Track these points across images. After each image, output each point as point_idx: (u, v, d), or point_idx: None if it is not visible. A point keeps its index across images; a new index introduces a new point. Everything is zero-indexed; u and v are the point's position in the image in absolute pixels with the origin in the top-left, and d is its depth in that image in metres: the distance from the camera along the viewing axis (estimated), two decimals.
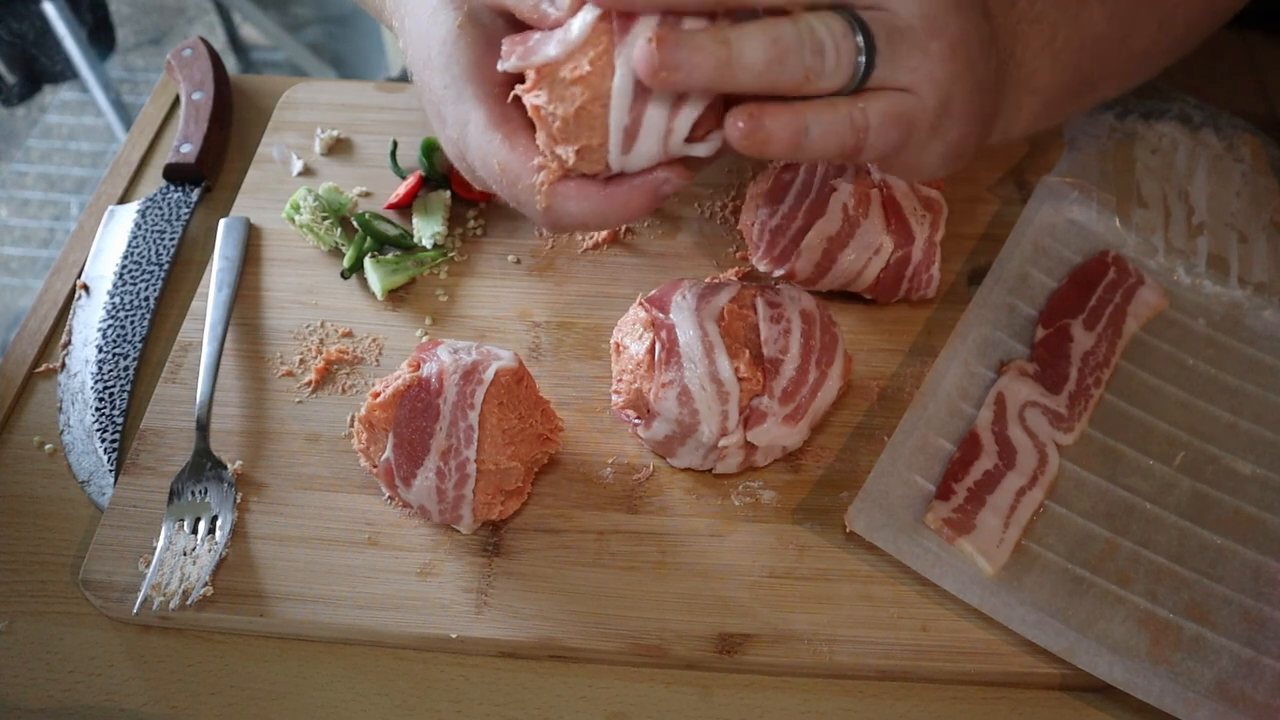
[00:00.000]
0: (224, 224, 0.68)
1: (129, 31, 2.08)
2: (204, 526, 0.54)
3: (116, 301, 0.66)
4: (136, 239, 0.69)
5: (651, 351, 0.55)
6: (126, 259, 0.68)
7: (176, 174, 0.72)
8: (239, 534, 0.55)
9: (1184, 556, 0.55)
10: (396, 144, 0.72)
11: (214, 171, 0.74)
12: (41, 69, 1.58)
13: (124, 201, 0.72)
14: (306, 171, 0.73)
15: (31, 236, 1.72)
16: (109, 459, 0.58)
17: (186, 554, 0.53)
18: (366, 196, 0.71)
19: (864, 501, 0.55)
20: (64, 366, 0.63)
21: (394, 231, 0.67)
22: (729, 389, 0.54)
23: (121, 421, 0.60)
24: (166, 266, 0.67)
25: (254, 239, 0.69)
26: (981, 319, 0.63)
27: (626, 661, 0.52)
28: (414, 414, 0.52)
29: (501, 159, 0.46)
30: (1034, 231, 0.67)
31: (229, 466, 0.57)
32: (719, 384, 0.54)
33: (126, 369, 0.62)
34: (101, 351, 0.63)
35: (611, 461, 0.58)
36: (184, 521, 0.54)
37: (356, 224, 0.67)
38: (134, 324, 0.65)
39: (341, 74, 1.82)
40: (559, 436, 0.56)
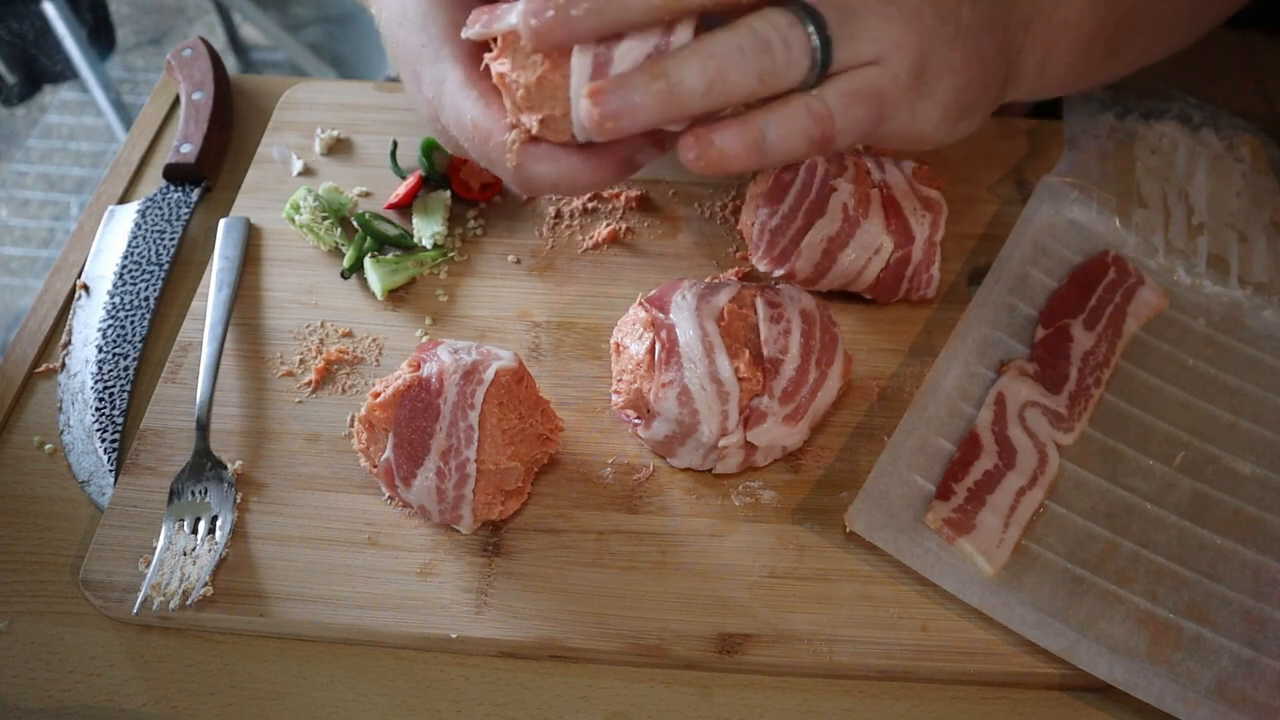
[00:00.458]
0: (224, 224, 0.68)
1: (129, 31, 2.09)
2: (204, 526, 0.54)
3: (116, 301, 0.66)
4: (136, 239, 0.69)
5: (651, 351, 0.55)
6: (126, 259, 0.68)
7: (176, 174, 0.72)
8: (239, 534, 0.55)
9: (1184, 556, 0.55)
10: (396, 144, 0.72)
11: (214, 171, 0.74)
12: (41, 69, 1.58)
13: (124, 201, 0.72)
14: (306, 171, 0.73)
15: (31, 236, 1.72)
16: (109, 459, 0.58)
17: (186, 554, 0.53)
18: (366, 196, 0.71)
19: (864, 501, 0.55)
20: (64, 366, 0.63)
21: (394, 231, 0.67)
22: (729, 389, 0.54)
23: (121, 421, 0.60)
24: (166, 266, 0.67)
25: (254, 239, 0.69)
26: (981, 319, 0.63)
27: (626, 661, 0.52)
28: (414, 414, 0.52)
29: (475, 116, 0.46)
30: (1034, 231, 0.67)
31: (229, 466, 0.57)
32: (719, 384, 0.54)
33: (126, 369, 0.62)
34: (101, 351, 0.63)
35: (611, 461, 0.58)
36: (184, 521, 0.54)
37: (356, 224, 0.67)
38: (134, 324, 0.65)
39: (341, 74, 1.82)
40: (559, 436, 0.56)
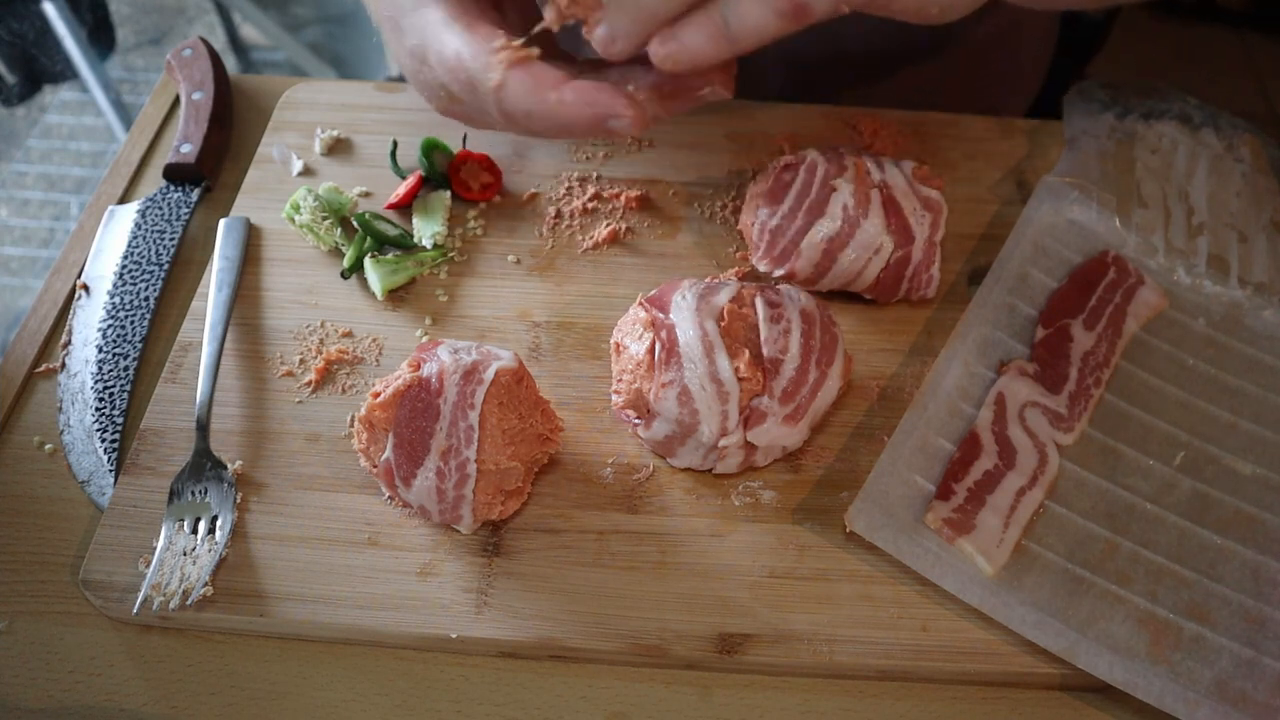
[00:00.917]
0: (224, 224, 0.68)
1: (129, 31, 2.09)
2: (204, 526, 0.54)
3: (116, 301, 0.65)
4: (136, 239, 0.69)
5: (651, 351, 0.55)
6: (126, 259, 0.68)
7: (176, 174, 0.72)
8: (239, 534, 0.55)
9: (1184, 556, 0.55)
10: (396, 144, 0.72)
11: (214, 171, 0.74)
12: (41, 69, 1.58)
13: (124, 201, 0.72)
14: (306, 171, 0.73)
15: (31, 236, 1.72)
16: (109, 459, 0.58)
17: (186, 554, 0.53)
18: (366, 196, 0.71)
19: (864, 501, 0.55)
20: (64, 366, 0.63)
21: (394, 231, 0.67)
22: (729, 389, 0.54)
23: (121, 421, 0.60)
24: (166, 266, 0.67)
25: (254, 239, 0.69)
26: (981, 319, 0.63)
27: (626, 661, 0.52)
28: (414, 414, 0.52)
29: (458, 47, 0.47)
30: (1034, 231, 0.67)
31: (229, 466, 0.57)
32: (719, 384, 0.54)
33: (126, 369, 0.62)
34: (101, 351, 0.63)
35: (611, 461, 0.58)
36: (184, 521, 0.54)
37: (356, 224, 0.67)
38: (134, 324, 0.65)
39: (341, 74, 1.82)
40: (559, 436, 0.56)
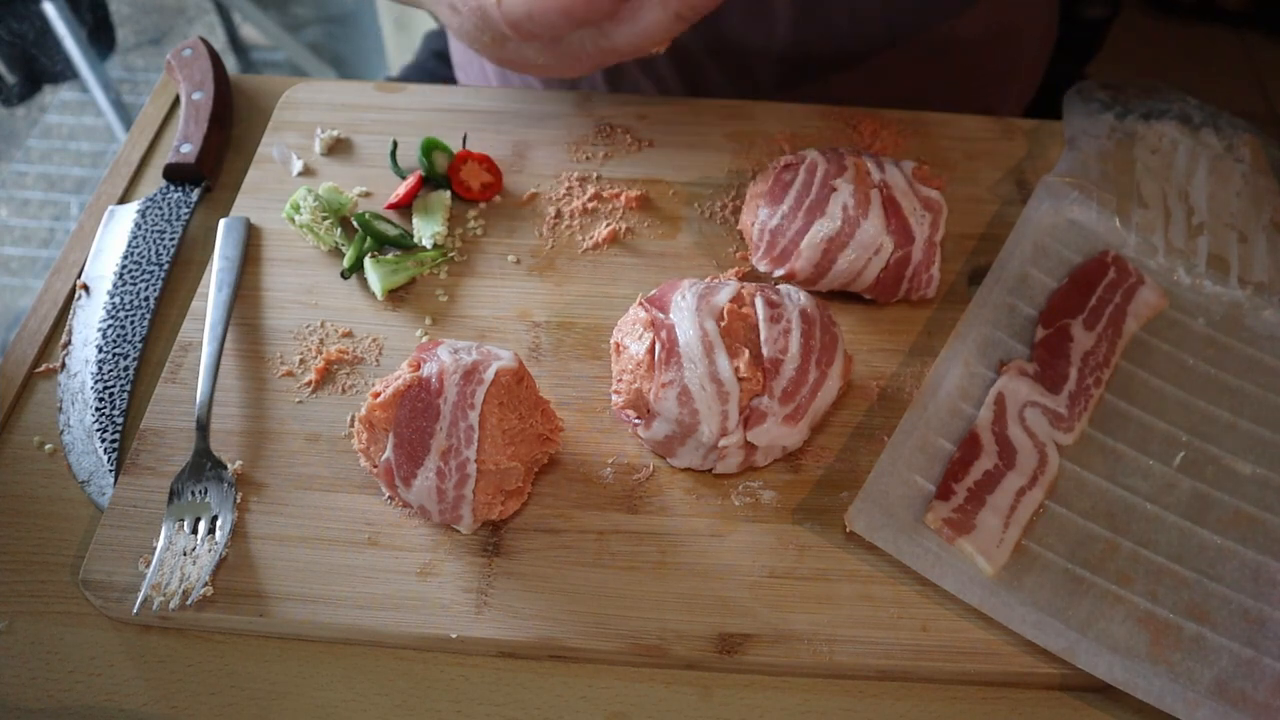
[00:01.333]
0: (224, 224, 0.68)
1: (129, 31, 2.09)
2: (204, 526, 0.54)
3: (116, 301, 0.65)
4: (136, 239, 0.69)
5: (651, 351, 0.55)
6: (126, 259, 0.68)
7: (176, 174, 0.72)
8: (239, 534, 0.55)
9: (1184, 556, 0.55)
10: (396, 144, 0.72)
11: (214, 171, 0.74)
12: (41, 69, 1.58)
13: (124, 201, 0.72)
14: (306, 171, 0.73)
15: (31, 236, 1.72)
16: (109, 459, 0.58)
17: (186, 554, 0.53)
18: (366, 196, 0.71)
19: (864, 501, 0.55)
20: (64, 366, 0.63)
21: (394, 231, 0.67)
22: (729, 389, 0.54)
23: (121, 421, 0.60)
24: (166, 266, 0.67)
25: (254, 239, 0.69)
26: (981, 319, 0.63)
27: (626, 661, 0.52)
28: (414, 414, 0.52)
29: None
30: (1034, 231, 0.67)
31: (229, 466, 0.57)
32: (719, 384, 0.54)
33: (126, 369, 0.62)
34: (101, 351, 0.63)
35: (611, 461, 0.58)
36: (184, 521, 0.54)
37: (356, 224, 0.67)
38: (134, 324, 0.65)
39: (341, 74, 1.82)
40: (559, 436, 0.56)
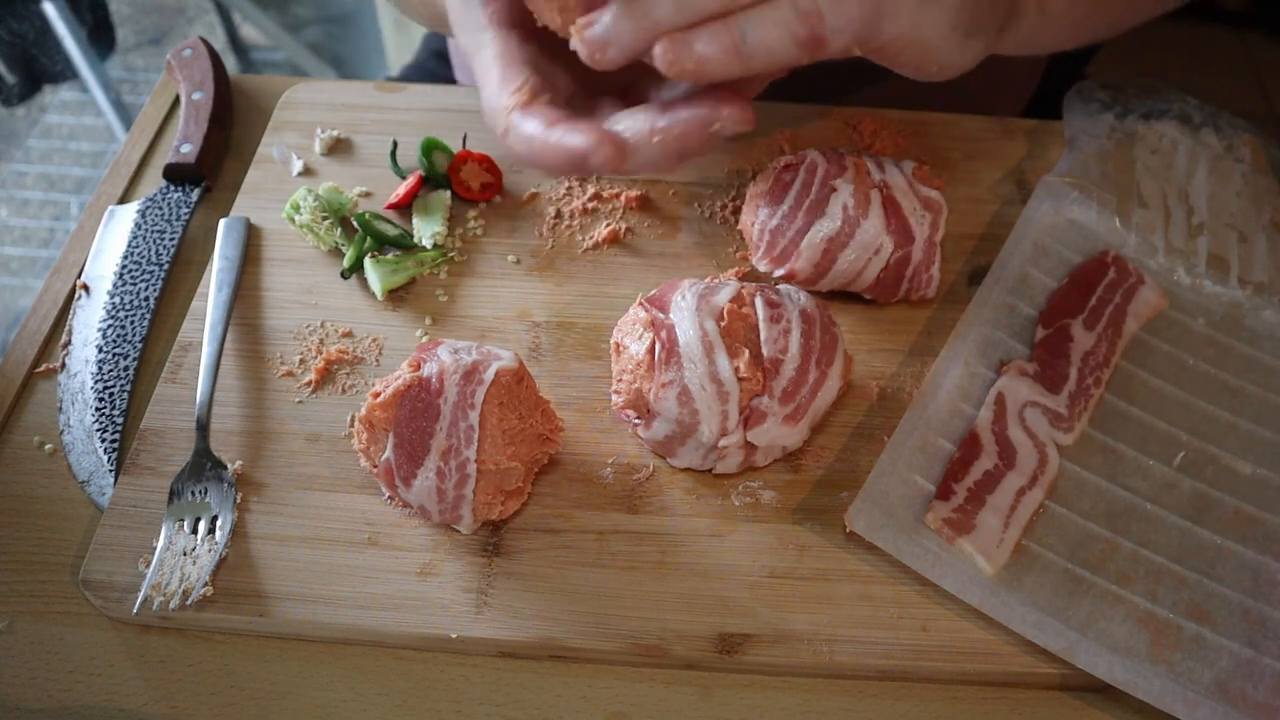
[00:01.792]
0: (224, 224, 0.68)
1: (129, 31, 2.09)
2: (204, 526, 0.54)
3: (116, 301, 0.65)
4: (136, 239, 0.69)
5: (651, 351, 0.55)
6: (126, 259, 0.68)
7: (176, 174, 0.72)
8: (239, 534, 0.55)
9: (1184, 556, 0.55)
10: (396, 144, 0.72)
11: (214, 171, 0.74)
12: (41, 69, 1.58)
13: (124, 201, 0.72)
14: (306, 171, 0.73)
15: (31, 236, 1.73)
16: (109, 459, 0.58)
17: (186, 554, 0.53)
18: (366, 196, 0.71)
19: (864, 501, 0.55)
20: (64, 366, 0.63)
21: (394, 231, 0.67)
22: (729, 389, 0.54)
23: (121, 421, 0.60)
24: (166, 266, 0.67)
25: (254, 239, 0.69)
26: (981, 319, 0.63)
27: (626, 661, 0.52)
28: (414, 414, 0.52)
29: (487, 92, 0.49)
30: (1034, 231, 0.67)
31: (229, 466, 0.57)
32: (719, 384, 0.54)
33: (126, 369, 0.62)
34: (101, 351, 0.63)
35: (611, 461, 0.58)
36: (184, 521, 0.54)
37: (356, 224, 0.67)
38: (134, 324, 0.65)
39: (341, 74, 1.82)
40: (559, 436, 0.56)
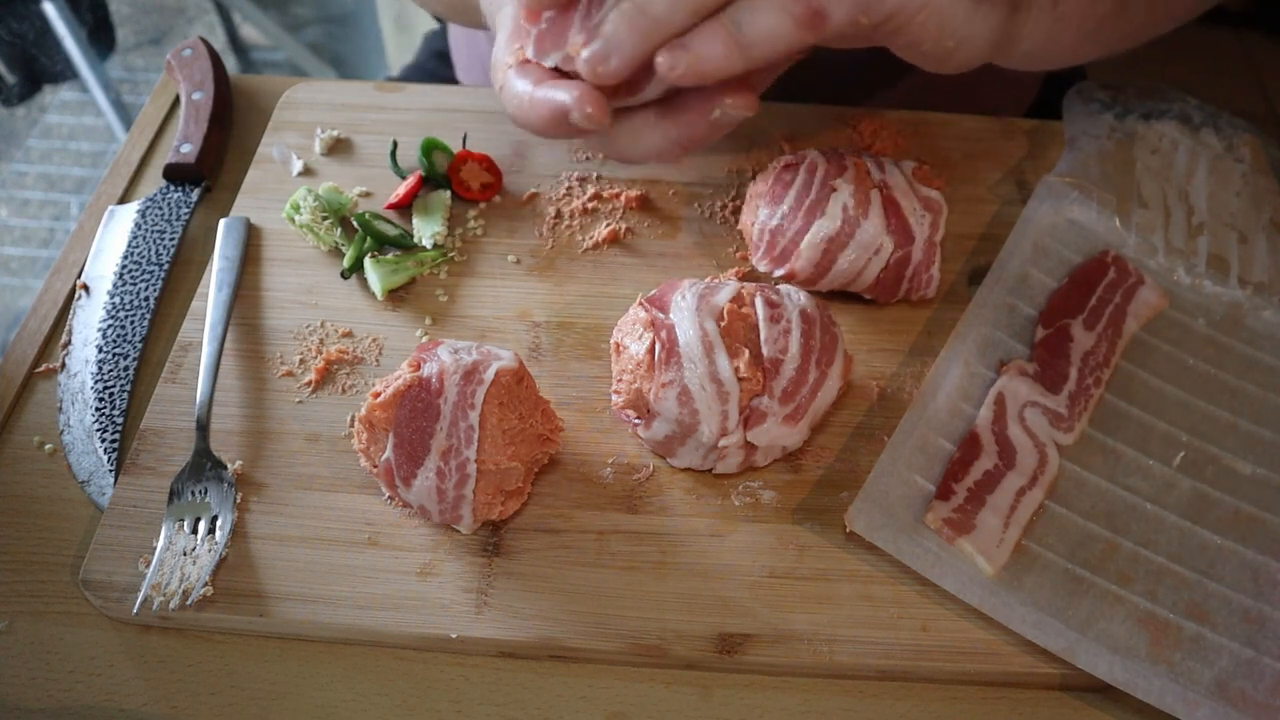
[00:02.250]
0: (224, 224, 0.68)
1: (129, 31, 2.09)
2: (204, 526, 0.54)
3: (116, 301, 0.65)
4: (136, 239, 0.69)
5: (651, 351, 0.55)
6: (126, 259, 0.68)
7: (176, 174, 0.72)
8: (239, 534, 0.55)
9: (1184, 556, 0.55)
10: (396, 144, 0.72)
11: (214, 171, 0.74)
12: (41, 69, 1.58)
13: (124, 201, 0.72)
14: (306, 171, 0.73)
15: (31, 236, 1.73)
16: (109, 459, 0.58)
17: (186, 554, 0.53)
18: (366, 196, 0.71)
19: (864, 501, 0.55)
20: (64, 366, 0.63)
21: (394, 231, 0.67)
22: (729, 389, 0.54)
23: (121, 421, 0.60)
24: (166, 266, 0.67)
25: (254, 239, 0.69)
26: (981, 319, 0.63)
27: (626, 661, 0.52)
28: (414, 414, 0.52)
29: (496, 52, 0.53)
30: (1034, 231, 0.67)
31: (229, 466, 0.57)
32: (719, 384, 0.54)
33: (126, 369, 0.62)
34: (101, 351, 0.63)
35: (611, 461, 0.58)
36: (184, 521, 0.54)
37: (356, 224, 0.67)
38: (134, 324, 0.65)
39: (341, 74, 1.82)
40: (559, 436, 0.56)
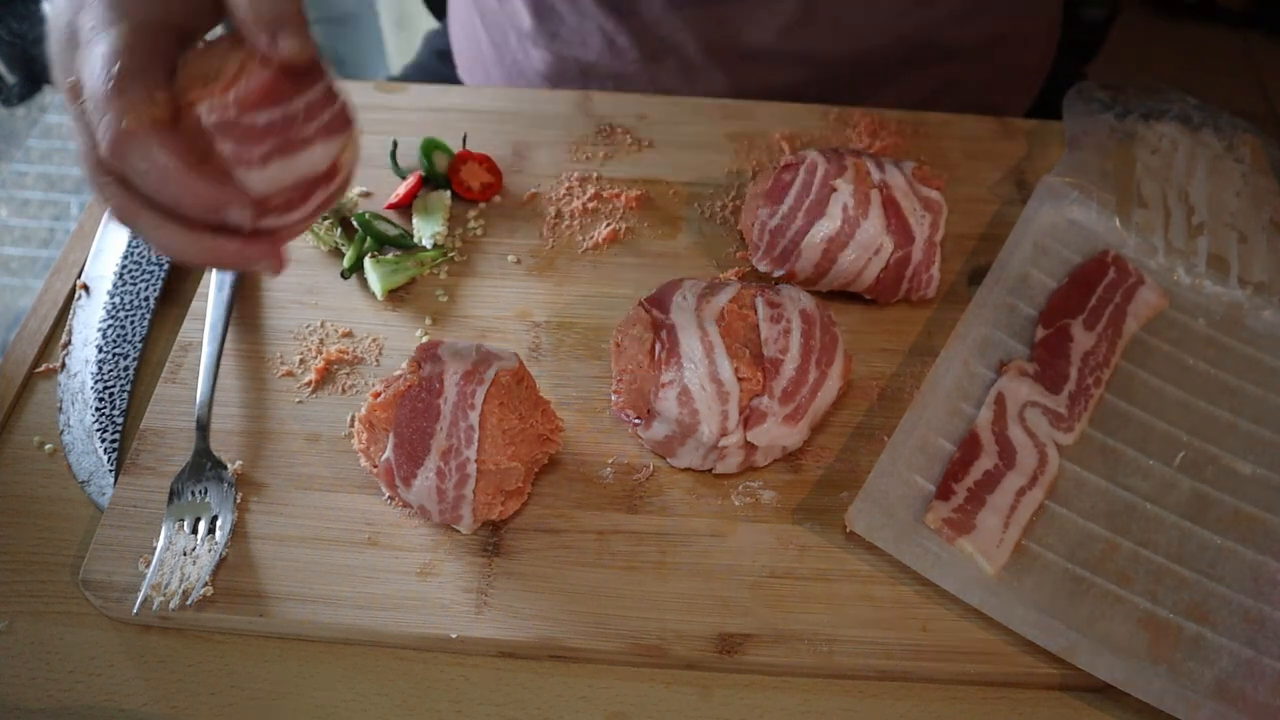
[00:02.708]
0: None
1: None
2: (204, 526, 0.54)
3: (116, 301, 0.65)
4: (136, 239, 0.69)
5: (651, 351, 0.55)
6: (126, 259, 0.68)
7: None
8: (239, 534, 0.55)
9: (1184, 556, 0.55)
10: (396, 144, 0.72)
11: None
12: (41, 69, 1.58)
13: None
14: None
15: (31, 236, 1.72)
16: (109, 459, 0.58)
17: (186, 554, 0.53)
18: (366, 196, 0.71)
19: (864, 501, 0.55)
20: (64, 366, 0.63)
21: (394, 231, 0.67)
22: (729, 389, 0.54)
23: (121, 421, 0.60)
24: (166, 266, 0.67)
25: None
26: (981, 319, 0.63)
27: (626, 661, 0.52)
28: (414, 414, 0.52)
29: (122, 62, 0.43)
30: (1034, 231, 0.67)
31: (229, 466, 0.57)
32: (719, 384, 0.54)
33: (126, 369, 0.62)
34: (101, 351, 0.63)
35: (611, 461, 0.58)
36: (184, 521, 0.54)
37: (356, 224, 0.67)
38: (134, 324, 0.65)
39: (341, 74, 1.81)
40: (559, 436, 0.56)
